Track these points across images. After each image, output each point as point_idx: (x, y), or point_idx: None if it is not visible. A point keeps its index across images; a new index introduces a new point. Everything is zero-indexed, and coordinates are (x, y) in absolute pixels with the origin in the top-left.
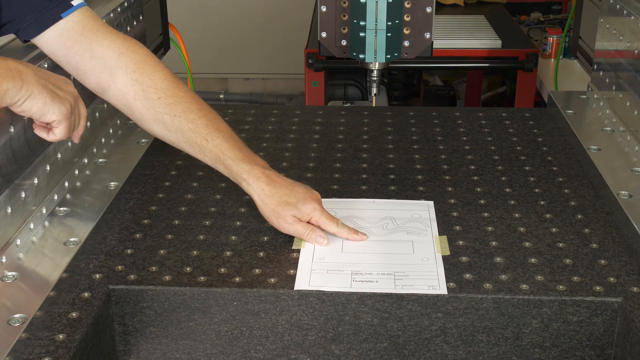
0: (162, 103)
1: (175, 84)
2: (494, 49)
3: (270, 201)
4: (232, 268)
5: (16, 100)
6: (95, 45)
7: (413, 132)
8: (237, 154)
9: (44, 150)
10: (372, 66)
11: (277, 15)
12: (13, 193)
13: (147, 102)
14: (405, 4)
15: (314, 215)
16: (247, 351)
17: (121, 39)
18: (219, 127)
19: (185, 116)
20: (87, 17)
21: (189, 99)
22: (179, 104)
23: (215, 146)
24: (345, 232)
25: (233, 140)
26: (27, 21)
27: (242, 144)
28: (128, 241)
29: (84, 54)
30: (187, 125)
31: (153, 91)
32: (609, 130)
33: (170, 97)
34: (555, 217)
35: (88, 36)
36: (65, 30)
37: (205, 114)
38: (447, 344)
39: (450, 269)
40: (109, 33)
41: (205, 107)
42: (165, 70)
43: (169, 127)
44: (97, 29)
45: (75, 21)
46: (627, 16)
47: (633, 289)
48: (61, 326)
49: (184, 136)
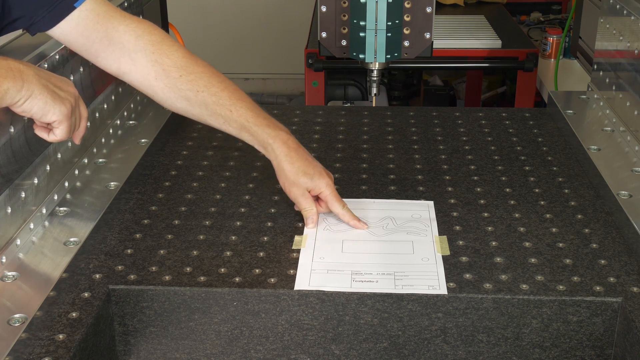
0: (184, 80)
1: (193, 61)
2: (494, 49)
3: (290, 167)
4: (232, 268)
5: (17, 100)
6: (112, 32)
7: (413, 132)
8: (262, 120)
9: (44, 150)
10: (372, 66)
11: (277, 15)
12: (13, 193)
13: (169, 81)
14: (405, 4)
15: (325, 191)
16: (247, 351)
17: (136, 22)
18: (242, 97)
19: (208, 90)
20: (100, 4)
21: (209, 74)
22: (200, 79)
23: (240, 115)
24: (348, 216)
25: (257, 109)
26: (40, 15)
27: (265, 112)
28: (128, 241)
29: (102, 41)
30: (211, 98)
31: (174, 70)
32: (609, 130)
33: (191, 74)
34: (555, 217)
35: (104, 23)
36: (81, 20)
37: (226, 86)
38: (447, 344)
39: (450, 269)
40: (123, 17)
41: (226, 80)
42: (183, 49)
43: (193, 103)
44: (112, 15)
45: (89, 9)
46: (627, 16)
47: (633, 289)
48: (61, 326)
49: (208, 109)
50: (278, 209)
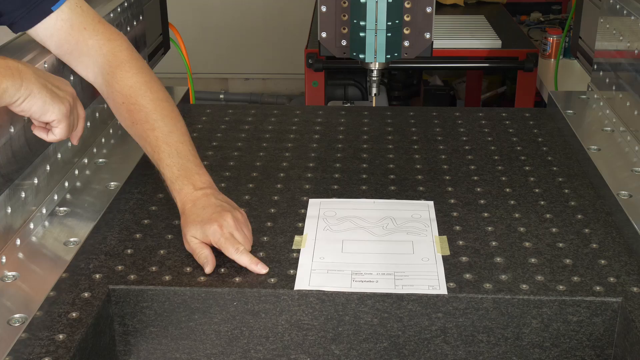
0: (124, 109)
1: (141, 93)
2: (494, 49)
3: (183, 220)
4: (232, 268)
5: (16, 99)
6: (82, 45)
7: (413, 132)
8: (174, 171)
9: (44, 150)
10: (372, 66)
11: (277, 15)
12: (13, 193)
13: (115, 104)
14: (405, 4)
15: (213, 238)
16: (247, 351)
17: (105, 39)
18: (169, 142)
19: (142, 125)
20: (77, 13)
21: (150, 109)
22: (138, 112)
23: (159, 160)
24: (245, 260)
25: (177, 156)
26: (20, 14)
27: (188, 161)
28: (128, 241)
29: (72, 52)
30: (141, 134)
31: (119, 96)
32: (609, 130)
33: (132, 105)
34: (555, 217)
35: (75, 35)
36: (56, 30)
37: (160, 126)
38: (447, 344)
39: (450, 269)
40: (95, 32)
41: (165, 118)
42: (136, 78)
43: (130, 131)
44: (85, 27)
45: (64, 19)
46: (627, 16)
47: (633, 289)
48: (61, 326)
49: (140, 142)
50: (278, 209)
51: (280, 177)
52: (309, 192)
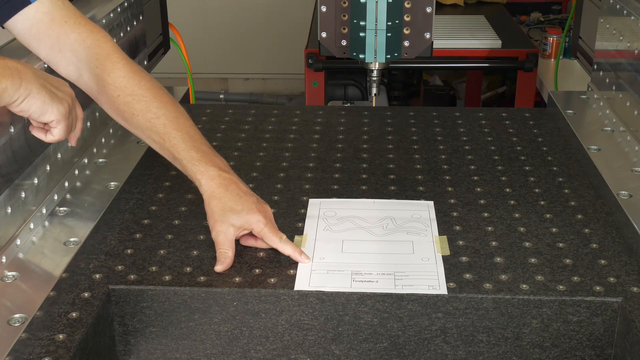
0: (121, 101)
1: (135, 81)
2: (494, 49)
3: (216, 203)
4: (232, 268)
5: (15, 99)
6: (64, 39)
7: (413, 132)
8: (193, 154)
9: (44, 150)
10: (372, 66)
11: (277, 15)
12: (13, 193)
13: (109, 99)
14: (405, 4)
15: (255, 227)
16: (247, 351)
17: (88, 32)
18: (178, 127)
19: (144, 115)
20: (57, 7)
21: (149, 97)
22: (138, 102)
23: (172, 146)
24: (289, 249)
25: (191, 140)
26: None
27: (202, 144)
28: (128, 241)
29: (53, 47)
30: (145, 124)
31: (112, 88)
32: (609, 130)
33: (128, 96)
34: (555, 217)
35: (56, 29)
36: (35, 22)
37: (164, 112)
38: (447, 344)
39: (450, 269)
40: (77, 25)
41: (167, 104)
42: (128, 67)
43: (130, 124)
44: (66, 21)
45: (44, 12)
46: (627, 16)
47: (633, 289)
48: (61, 326)
49: (144, 134)
50: (278, 209)
51: (280, 177)
52: (309, 192)
